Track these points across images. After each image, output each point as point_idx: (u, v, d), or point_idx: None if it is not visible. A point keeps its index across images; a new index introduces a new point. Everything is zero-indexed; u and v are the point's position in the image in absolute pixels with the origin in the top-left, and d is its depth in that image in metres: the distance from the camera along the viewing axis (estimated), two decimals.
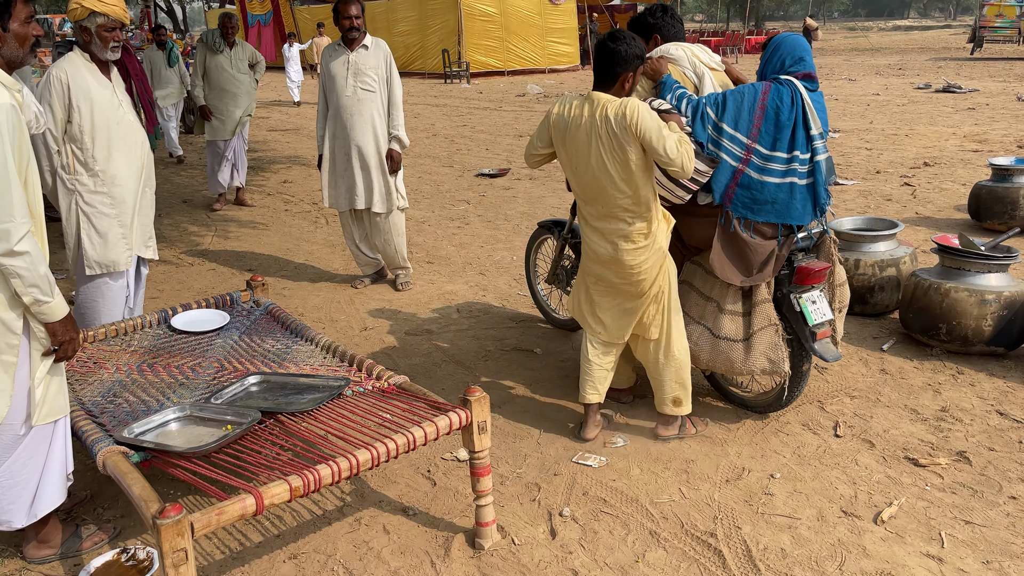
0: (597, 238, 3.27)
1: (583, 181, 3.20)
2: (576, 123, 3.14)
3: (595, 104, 3.10)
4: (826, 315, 3.39)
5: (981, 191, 6.40)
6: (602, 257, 3.27)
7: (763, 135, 3.27)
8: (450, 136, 12.78)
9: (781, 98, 3.27)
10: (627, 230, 3.18)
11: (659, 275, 3.28)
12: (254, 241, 6.82)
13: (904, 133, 11.58)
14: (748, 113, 3.27)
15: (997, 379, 3.96)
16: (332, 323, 4.94)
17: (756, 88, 3.32)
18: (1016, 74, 20.40)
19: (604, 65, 3.13)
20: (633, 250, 3.20)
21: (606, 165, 3.09)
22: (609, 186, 3.12)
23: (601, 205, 3.19)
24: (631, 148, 3.03)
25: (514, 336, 4.67)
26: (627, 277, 3.25)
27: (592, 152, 3.11)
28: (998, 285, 4.06)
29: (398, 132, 5.17)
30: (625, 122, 3.01)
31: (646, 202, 3.15)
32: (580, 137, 3.13)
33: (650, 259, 3.21)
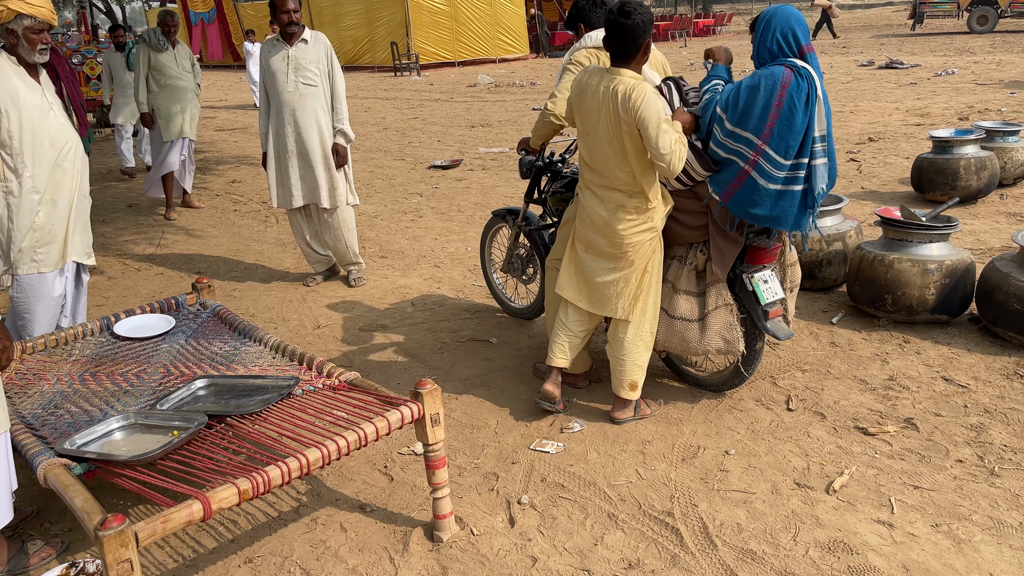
0: (595, 203, 3.32)
1: (591, 149, 3.27)
2: (593, 91, 3.20)
3: (612, 78, 3.15)
4: (778, 294, 3.43)
5: (923, 164, 6.53)
6: (596, 223, 3.32)
7: (775, 138, 3.15)
8: (401, 129, 12.67)
9: (798, 96, 3.12)
10: (625, 201, 3.25)
11: (647, 252, 3.32)
12: (203, 243, 6.69)
13: (849, 110, 11.77)
14: (763, 111, 3.14)
15: (942, 346, 4.05)
16: (284, 322, 4.87)
17: (775, 80, 3.13)
18: (956, 48, 20.86)
19: (623, 39, 3.12)
20: (627, 220, 3.26)
21: (611, 139, 3.16)
22: (612, 159, 3.19)
23: (604, 175, 3.26)
24: (628, 131, 3.10)
25: (470, 327, 4.65)
26: (617, 245, 3.29)
27: (600, 124, 3.19)
28: (939, 254, 4.15)
29: (342, 126, 5.10)
30: (628, 104, 3.05)
31: (645, 181, 3.21)
32: (592, 106, 3.21)
33: (642, 234, 3.27)
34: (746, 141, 3.19)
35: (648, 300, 3.38)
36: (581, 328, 3.53)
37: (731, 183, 3.25)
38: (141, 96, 7.23)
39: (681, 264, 3.49)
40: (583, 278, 3.45)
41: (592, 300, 3.44)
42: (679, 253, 3.51)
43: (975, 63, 16.95)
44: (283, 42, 4.97)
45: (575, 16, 3.85)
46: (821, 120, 3.19)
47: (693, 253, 3.48)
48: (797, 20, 3.22)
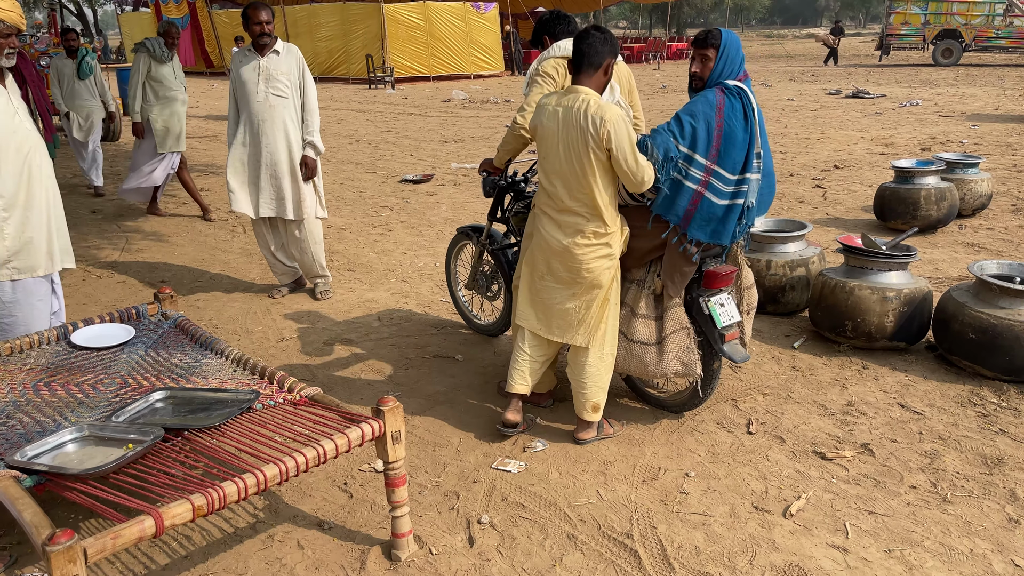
0: (552, 229, 3.29)
1: (551, 171, 3.24)
2: (553, 111, 3.19)
3: (577, 97, 3.14)
4: (734, 317, 3.47)
5: (885, 192, 6.67)
6: (554, 248, 3.29)
7: (722, 156, 3.25)
8: (374, 142, 12.65)
9: (735, 114, 3.24)
10: (583, 225, 3.22)
11: (607, 278, 3.31)
12: (167, 252, 6.61)
13: (816, 137, 11.99)
14: (707, 133, 3.23)
15: (899, 373, 4.12)
16: (248, 335, 4.82)
17: (710, 102, 3.25)
18: (921, 79, 21.38)
19: (589, 53, 3.16)
20: (586, 245, 3.24)
21: (573, 159, 3.14)
22: (572, 180, 3.17)
23: (563, 199, 3.22)
24: (596, 152, 3.09)
25: (435, 343, 4.65)
26: (576, 271, 3.27)
27: (561, 144, 3.17)
28: (898, 283, 4.23)
29: (312, 138, 5.09)
30: (599, 123, 3.06)
31: (605, 204, 3.20)
32: (552, 126, 3.19)
33: (601, 260, 3.26)
34: (697, 163, 3.26)
35: (608, 325, 3.39)
36: (541, 354, 3.52)
37: (687, 207, 3.29)
38: (136, 105, 7.16)
39: (639, 288, 3.52)
40: (542, 305, 3.43)
41: (552, 327, 3.42)
42: (637, 277, 3.54)
43: (939, 95, 17.39)
44: (254, 52, 4.95)
45: (540, 30, 3.91)
46: (758, 137, 3.31)
47: (651, 277, 3.51)
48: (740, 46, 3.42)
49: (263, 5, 4.86)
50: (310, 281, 5.51)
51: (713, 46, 3.31)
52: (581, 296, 3.32)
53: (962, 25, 25.69)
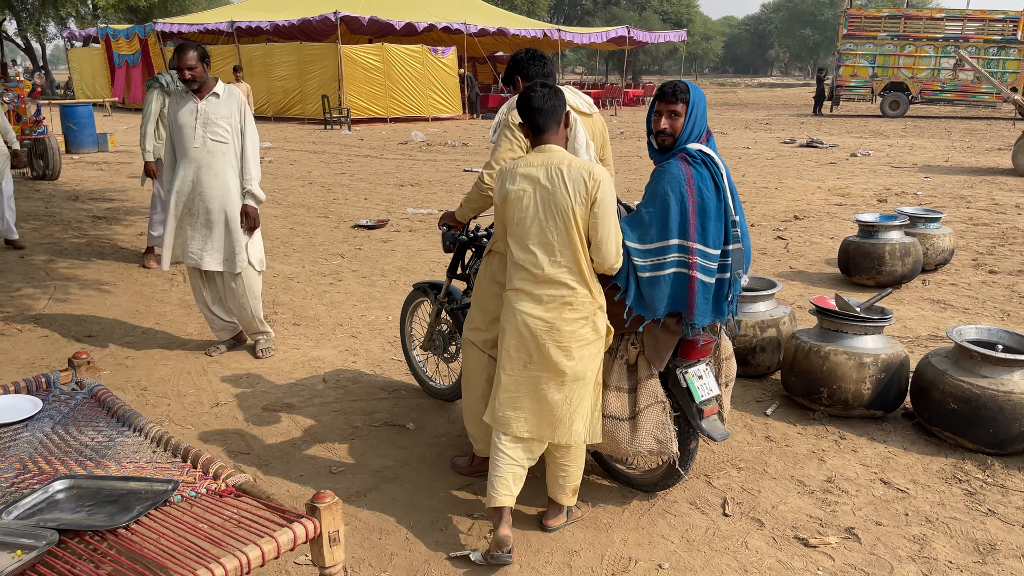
0: (532, 306, 2.87)
1: (526, 237, 2.87)
2: (526, 171, 2.88)
3: (552, 155, 2.88)
4: (713, 391, 3.21)
5: (850, 247, 6.55)
6: (536, 330, 2.86)
7: (701, 232, 2.99)
8: (327, 184, 12.32)
9: (705, 184, 3.00)
10: (570, 297, 2.86)
11: (594, 367, 2.97)
12: (98, 302, 6.16)
13: (774, 187, 12.01)
14: (681, 213, 2.97)
15: (878, 444, 3.90)
16: (179, 398, 4.42)
17: (677, 178, 2.98)
18: (870, 130, 21.87)
19: (548, 111, 2.92)
20: (574, 320, 2.87)
21: (554, 221, 2.83)
22: (556, 243, 2.84)
23: (544, 265, 2.85)
24: (580, 211, 2.81)
25: (385, 409, 4.30)
26: (567, 351, 2.87)
27: (540, 204, 2.84)
28: (875, 347, 4.03)
29: (251, 187, 4.75)
30: (588, 182, 2.79)
31: (591, 271, 2.89)
32: (523, 188, 2.87)
33: (591, 345, 2.91)
34: (676, 248, 2.99)
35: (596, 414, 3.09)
36: (527, 456, 3.04)
37: (689, 296, 3.02)
38: (148, 144, 6.60)
39: (612, 358, 3.24)
40: (528, 401, 2.96)
41: (542, 425, 2.97)
42: (610, 346, 3.26)
43: (889, 146, 17.73)
44: (192, 95, 4.63)
45: (513, 70, 3.60)
46: (730, 204, 3.08)
47: (624, 346, 3.24)
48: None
49: (192, 45, 4.54)
50: (251, 338, 5.13)
51: (683, 101, 3.06)
52: (571, 384, 2.93)
53: (909, 78, 26.50)
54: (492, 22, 28.74)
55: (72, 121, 16.12)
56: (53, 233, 8.60)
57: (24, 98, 11.73)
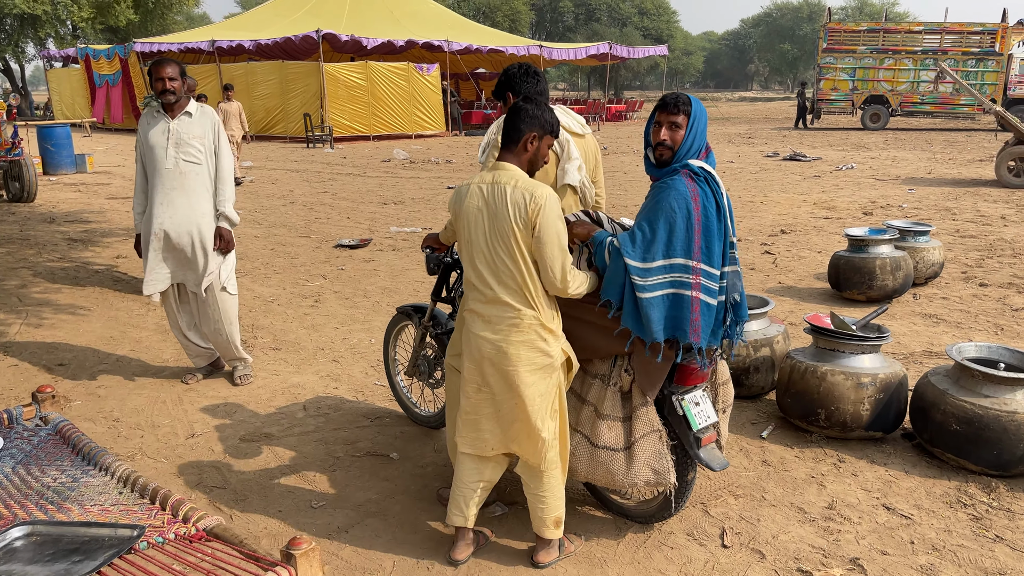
0: (481, 327, 2.81)
1: (474, 257, 2.79)
2: (477, 188, 2.78)
3: (500, 175, 2.76)
4: (710, 418, 3.08)
5: (840, 262, 6.47)
6: (485, 352, 2.80)
7: (704, 252, 2.88)
8: (309, 203, 12.15)
9: (710, 204, 2.90)
10: (517, 319, 2.75)
11: (550, 391, 2.83)
12: (72, 328, 5.96)
13: (760, 200, 11.96)
14: (686, 231, 2.85)
15: (879, 467, 3.77)
16: (153, 429, 4.23)
17: (685, 197, 2.86)
18: (852, 143, 21.97)
19: (509, 125, 2.82)
20: (522, 344, 2.76)
21: (497, 241, 2.73)
22: (499, 264, 2.74)
23: (492, 284, 2.76)
24: (524, 232, 2.70)
25: (368, 437, 4.14)
26: (512, 379, 2.77)
27: (487, 222, 2.74)
28: (873, 367, 3.92)
29: (225, 209, 4.58)
30: (526, 210, 2.67)
31: (538, 293, 2.77)
32: (473, 206, 2.77)
33: (540, 371, 2.78)
34: (680, 267, 2.87)
35: (564, 439, 2.95)
36: (483, 479, 3.01)
37: (691, 318, 2.89)
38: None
39: (604, 385, 3.11)
40: (484, 422, 2.91)
41: (506, 442, 2.92)
42: (601, 371, 3.12)
43: (872, 158, 17.79)
44: (163, 114, 4.46)
45: (504, 84, 3.43)
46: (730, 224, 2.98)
47: (617, 372, 3.10)
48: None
49: (170, 61, 4.40)
50: (228, 364, 4.96)
51: (685, 112, 2.94)
52: (518, 412, 2.83)
53: (888, 91, 26.70)
54: (474, 39, 28.77)
55: (50, 142, 15.88)
56: (27, 256, 8.39)
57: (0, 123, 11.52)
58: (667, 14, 70.43)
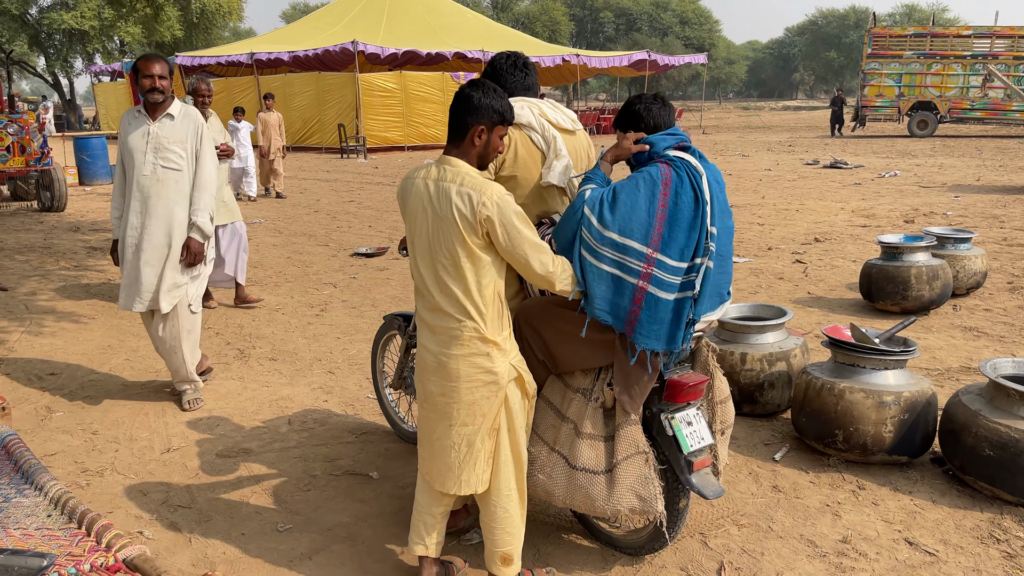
0: (426, 336, 2.59)
1: (418, 257, 2.54)
2: (420, 188, 2.52)
3: (445, 171, 2.49)
4: (704, 439, 2.77)
5: (872, 270, 6.07)
6: (427, 363, 2.58)
7: (666, 241, 2.62)
8: (333, 212, 12.05)
9: (683, 190, 2.65)
10: (457, 330, 2.49)
11: (488, 407, 2.55)
12: (71, 337, 5.85)
13: (795, 208, 11.52)
14: (647, 214, 2.61)
15: (902, 495, 3.41)
16: (130, 443, 4.05)
17: (655, 179, 2.65)
18: (898, 150, 21.26)
19: (454, 115, 2.55)
20: (462, 357, 2.50)
21: (440, 245, 2.46)
22: (441, 270, 2.47)
23: (433, 292, 2.52)
24: (471, 237, 2.42)
25: (350, 455, 3.89)
26: (451, 393, 2.52)
27: (430, 224, 2.48)
28: (896, 384, 3.56)
29: (197, 219, 4.30)
30: (475, 208, 2.39)
31: (483, 304, 2.48)
32: (418, 204, 2.51)
33: (482, 387, 2.51)
34: (634, 252, 2.60)
35: (510, 465, 2.64)
36: (435, 503, 2.74)
37: (631, 308, 2.62)
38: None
39: (585, 400, 2.82)
40: (426, 443, 2.67)
41: (434, 471, 2.64)
42: (583, 385, 2.84)
43: (917, 166, 17.15)
44: (144, 115, 4.24)
45: (490, 76, 3.12)
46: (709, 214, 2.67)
47: (599, 386, 2.81)
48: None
49: (158, 58, 4.19)
50: (176, 386, 4.60)
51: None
52: (458, 429, 2.56)
53: (936, 97, 25.86)
54: (512, 48, 28.61)
55: (86, 153, 16.11)
56: (44, 264, 8.37)
57: (29, 129, 11.64)
58: (709, 23, 69.78)
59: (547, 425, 2.89)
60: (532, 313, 2.93)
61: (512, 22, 57.14)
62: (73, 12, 34.38)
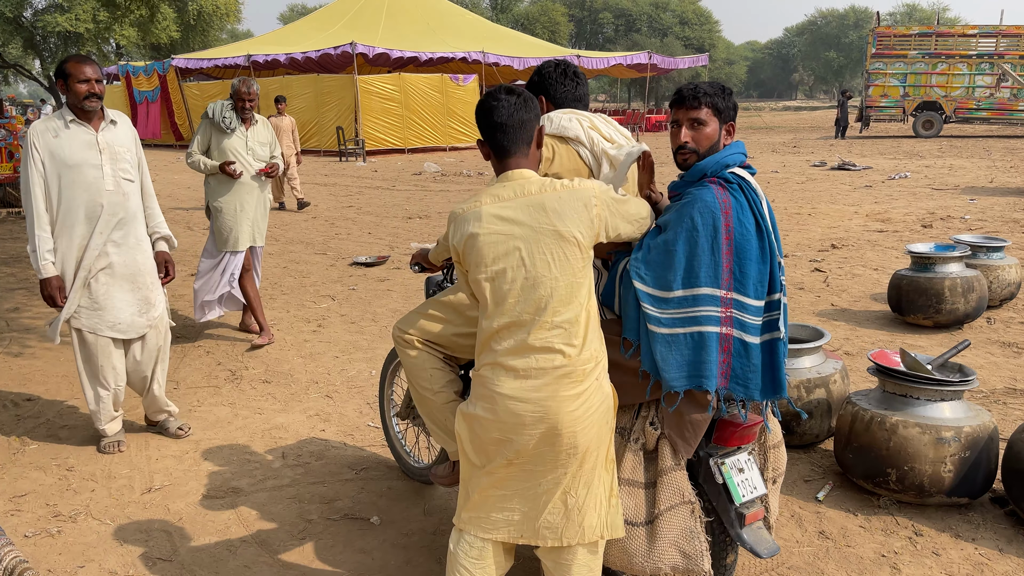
0: (517, 386, 2.14)
1: (509, 294, 2.15)
2: (493, 215, 2.16)
3: (530, 183, 2.19)
4: (757, 489, 2.43)
5: (902, 282, 5.72)
6: (525, 417, 2.13)
7: (738, 279, 2.32)
8: (331, 218, 11.69)
9: (744, 216, 2.33)
10: (570, 361, 2.14)
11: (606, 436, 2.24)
12: (52, 358, 5.49)
13: (807, 212, 11.17)
14: (711, 252, 2.29)
15: (964, 543, 3.06)
16: (108, 481, 3.70)
17: (712, 208, 2.30)
18: (904, 151, 20.93)
19: (514, 119, 2.22)
20: (578, 392, 2.14)
21: (551, 264, 2.13)
22: (553, 294, 2.13)
23: (533, 327, 2.14)
24: (584, 248, 2.17)
25: (350, 495, 3.54)
26: (570, 439, 2.14)
27: (531, 246, 2.14)
28: (955, 417, 3.21)
29: (163, 230, 3.97)
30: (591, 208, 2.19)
31: (595, 319, 2.21)
32: (499, 234, 2.15)
33: (596, 411, 2.18)
34: (706, 299, 2.28)
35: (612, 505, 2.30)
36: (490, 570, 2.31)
37: (722, 359, 2.30)
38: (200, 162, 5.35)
39: (623, 440, 2.49)
40: (514, 501, 2.24)
41: (539, 527, 2.22)
42: (620, 423, 2.51)
43: (926, 167, 16.82)
44: (81, 123, 3.70)
45: (537, 85, 2.86)
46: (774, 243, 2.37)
47: (640, 425, 2.48)
48: None
49: (89, 59, 3.71)
50: (154, 416, 4.20)
51: (708, 105, 2.45)
52: (574, 471, 2.19)
53: (942, 97, 25.54)
54: (511, 49, 28.33)
55: None
56: (29, 277, 8.01)
57: (17, 135, 11.30)
58: (709, 23, 69.42)
59: None
60: None
61: (512, 23, 56.83)
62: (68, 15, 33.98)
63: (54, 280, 3.70)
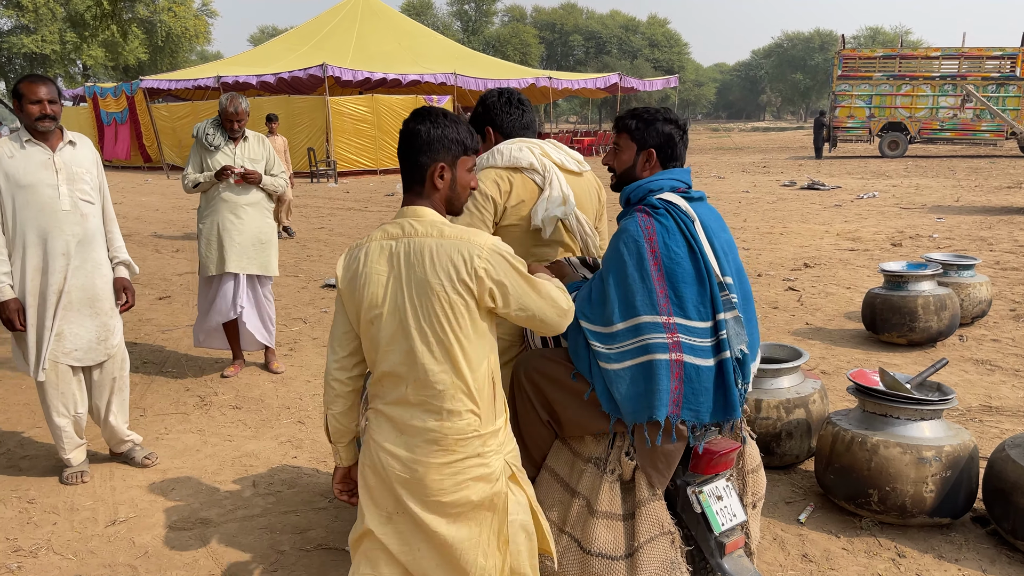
0: (392, 439, 2.00)
1: (384, 340, 1.99)
2: (376, 254, 2.00)
3: (413, 226, 1.99)
4: (737, 516, 2.38)
5: (876, 300, 5.75)
6: (392, 472, 1.99)
7: (675, 302, 2.28)
8: (303, 240, 11.57)
9: (671, 239, 2.29)
10: (442, 426, 1.97)
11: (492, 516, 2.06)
12: (12, 385, 5.32)
13: (779, 231, 11.27)
14: (641, 280, 2.27)
15: (948, 564, 3.04)
16: (71, 514, 3.56)
17: (635, 237, 2.29)
18: (871, 171, 21.28)
19: (404, 158, 2.09)
20: (448, 465, 1.98)
21: (420, 317, 1.95)
22: (418, 350, 1.96)
23: (407, 381, 1.99)
24: (458, 305, 1.95)
25: (323, 524, 3.44)
26: (440, 508, 1.99)
27: (398, 297, 1.97)
28: (935, 436, 3.20)
29: (123, 255, 3.87)
30: (468, 268, 1.94)
31: (474, 386, 2.00)
32: (377, 275, 1.98)
33: (473, 484, 2.00)
34: (649, 326, 2.26)
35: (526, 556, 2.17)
36: None
37: (673, 387, 2.25)
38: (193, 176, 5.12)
39: (598, 471, 2.43)
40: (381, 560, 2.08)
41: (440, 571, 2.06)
42: (595, 454, 2.45)
43: (894, 186, 17.09)
44: (36, 143, 3.59)
45: (482, 117, 2.79)
46: (714, 260, 2.33)
47: (616, 455, 2.42)
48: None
49: (45, 79, 3.61)
50: (117, 447, 4.05)
51: (624, 129, 2.49)
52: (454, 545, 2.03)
53: (907, 118, 26.04)
54: (483, 72, 28.42)
55: None
56: None
57: None
58: (678, 46, 70.49)
59: (554, 501, 2.50)
60: (533, 367, 2.55)
61: (483, 45, 57.17)
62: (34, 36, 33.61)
63: (11, 303, 3.57)
